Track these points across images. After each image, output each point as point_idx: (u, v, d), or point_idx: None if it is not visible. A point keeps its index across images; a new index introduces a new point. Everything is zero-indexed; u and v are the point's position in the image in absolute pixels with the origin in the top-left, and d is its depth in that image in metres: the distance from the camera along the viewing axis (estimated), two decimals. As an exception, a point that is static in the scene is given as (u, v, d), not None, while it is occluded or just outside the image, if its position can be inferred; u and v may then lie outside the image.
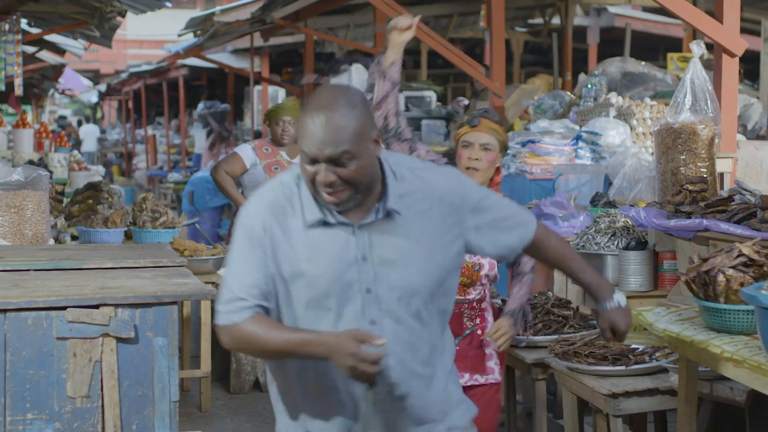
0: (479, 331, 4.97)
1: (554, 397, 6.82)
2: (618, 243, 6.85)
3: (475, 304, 4.98)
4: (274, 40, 19.64)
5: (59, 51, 17.81)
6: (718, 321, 4.30)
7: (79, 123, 41.60)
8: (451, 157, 5.17)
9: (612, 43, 18.00)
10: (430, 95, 15.24)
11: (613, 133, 9.35)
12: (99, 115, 47.16)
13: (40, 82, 23.64)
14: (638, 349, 5.26)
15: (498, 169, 5.15)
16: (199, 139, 23.90)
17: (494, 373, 4.96)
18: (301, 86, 17.72)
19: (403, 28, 4.64)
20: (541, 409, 5.61)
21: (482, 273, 4.93)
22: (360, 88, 13.09)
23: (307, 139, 3.07)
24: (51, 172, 8.94)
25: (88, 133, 36.09)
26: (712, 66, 8.25)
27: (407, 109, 14.71)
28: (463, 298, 4.91)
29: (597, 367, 5.16)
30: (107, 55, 35.38)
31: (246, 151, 8.64)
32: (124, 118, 36.19)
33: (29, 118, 14.35)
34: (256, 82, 21.37)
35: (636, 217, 6.80)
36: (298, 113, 8.74)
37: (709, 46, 8.71)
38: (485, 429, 4.61)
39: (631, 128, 9.58)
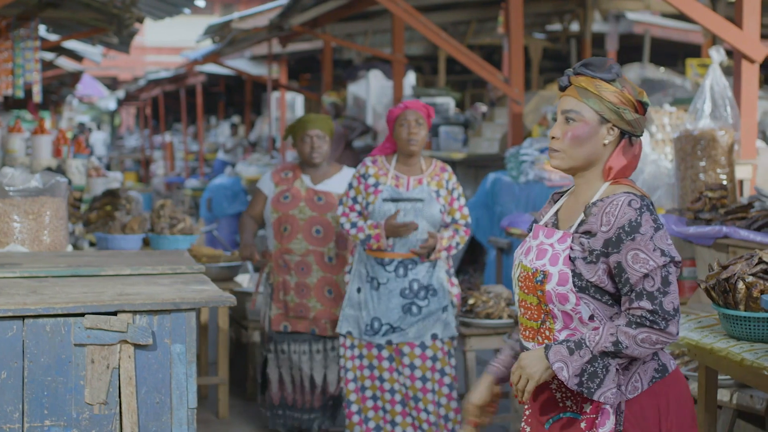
0: (583, 424, 3.49)
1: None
2: (637, 250, 6.80)
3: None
4: (292, 47, 19.66)
5: (77, 58, 17.87)
6: (738, 329, 4.28)
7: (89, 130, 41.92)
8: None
9: (631, 49, 17.96)
10: (448, 102, 15.21)
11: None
12: (117, 121, 47.29)
13: (58, 89, 23.72)
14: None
15: (621, 148, 3.51)
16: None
17: None
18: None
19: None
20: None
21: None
22: (377, 93, 11.65)
23: None
24: (69, 179, 8.96)
25: (97, 141, 36.39)
26: (732, 72, 8.22)
27: (425, 115, 14.68)
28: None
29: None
30: (125, 62, 35.56)
31: (265, 182, 7.39)
32: (141, 125, 36.30)
33: (47, 124, 14.37)
34: (274, 89, 21.39)
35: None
36: (329, 125, 7.33)
37: (729, 53, 8.70)
38: None
39: (650, 135, 9.54)
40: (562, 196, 3.67)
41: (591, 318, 3.39)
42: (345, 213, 6.66)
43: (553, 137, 3.49)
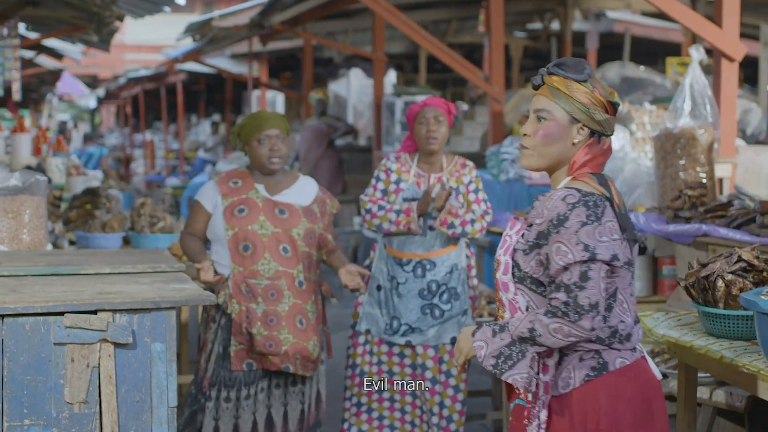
0: (525, 412, 3.59)
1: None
2: (617, 248, 6.80)
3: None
4: (273, 45, 19.66)
5: (57, 56, 17.83)
6: (718, 326, 4.29)
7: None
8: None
9: (611, 47, 18.00)
10: (429, 100, 15.16)
11: (612, 138, 9.34)
12: (97, 120, 47.15)
13: (38, 87, 23.66)
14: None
15: (588, 144, 3.57)
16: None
17: None
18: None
19: None
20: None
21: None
22: (358, 92, 11.45)
23: None
24: (49, 178, 8.93)
25: (76, 139, 36.32)
26: (712, 71, 8.25)
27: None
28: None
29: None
30: (105, 60, 35.44)
31: (207, 194, 6.00)
32: (122, 123, 36.22)
33: (27, 123, 14.33)
34: (255, 87, 21.36)
35: (635, 222, 6.79)
36: (286, 124, 6.08)
37: (709, 51, 8.71)
38: None
39: (631, 133, 9.57)
40: None
41: (527, 309, 3.49)
42: (373, 200, 6.45)
43: (525, 134, 3.56)
